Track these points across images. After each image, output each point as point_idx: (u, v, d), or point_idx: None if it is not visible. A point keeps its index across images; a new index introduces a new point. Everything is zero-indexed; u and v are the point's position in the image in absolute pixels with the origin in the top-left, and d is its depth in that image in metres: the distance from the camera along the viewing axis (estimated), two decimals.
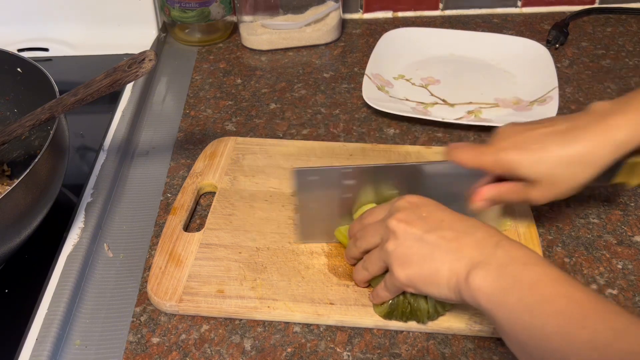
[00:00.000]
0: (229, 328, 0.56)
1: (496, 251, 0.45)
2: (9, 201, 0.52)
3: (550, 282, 0.43)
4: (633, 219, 0.65)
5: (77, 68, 0.92)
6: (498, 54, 0.90)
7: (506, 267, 0.44)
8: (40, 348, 0.53)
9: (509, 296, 0.43)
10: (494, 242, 0.46)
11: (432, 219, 0.50)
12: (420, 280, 0.48)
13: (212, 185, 0.69)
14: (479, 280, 0.44)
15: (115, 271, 0.61)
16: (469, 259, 0.46)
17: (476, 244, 0.47)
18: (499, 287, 0.44)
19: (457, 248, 0.47)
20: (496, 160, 0.54)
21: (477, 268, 0.45)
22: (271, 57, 0.94)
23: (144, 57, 0.56)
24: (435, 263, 0.47)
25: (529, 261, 0.44)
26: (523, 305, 0.42)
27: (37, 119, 0.59)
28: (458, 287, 0.46)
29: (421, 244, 0.48)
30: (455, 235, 0.48)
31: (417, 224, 0.49)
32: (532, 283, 0.43)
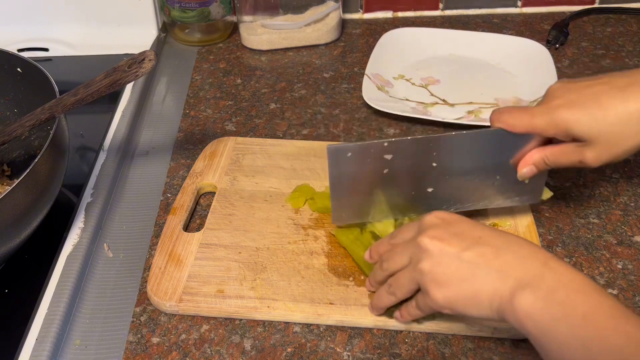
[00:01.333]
0: (228, 328, 0.56)
1: (544, 272, 0.42)
2: (9, 201, 0.52)
3: (606, 314, 0.40)
4: (633, 219, 0.65)
5: (77, 68, 0.92)
6: (498, 54, 0.90)
7: (556, 293, 0.41)
8: (40, 348, 0.53)
9: (560, 326, 0.40)
10: (542, 261, 0.43)
11: (468, 235, 0.46)
12: (459, 302, 0.45)
13: (211, 185, 0.69)
14: (527, 305, 0.41)
15: (115, 271, 0.61)
16: (514, 279, 0.43)
17: (521, 262, 0.43)
18: (548, 314, 0.41)
19: (500, 267, 0.44)
20: (550, 119, 0.50)
21: (524, 291, 0.42)
22: (271, 57, 0.94)
23: (143, 57, 0.56)
24: (476, 283, 0.44)
25: (581, 288, 0.41)
26: (576, 338, 0.40)
27: (37, 119, 0.59)
28: (501, 309, 0.43)
29: (459, 263, 0.45)
30: (496, 252, 0.44)
31: (452, 241, 0.46)
32: (586, 314, 0.40)
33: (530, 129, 0.52)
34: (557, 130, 0.51)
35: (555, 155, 0.53)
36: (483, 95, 0.83)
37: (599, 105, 0.49)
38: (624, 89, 0.49)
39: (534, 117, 0.51)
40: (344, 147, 0.54)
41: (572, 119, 0.50)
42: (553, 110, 0.50)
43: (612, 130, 0.49)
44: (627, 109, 0.49)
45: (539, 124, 0.51)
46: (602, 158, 0.51)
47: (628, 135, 0.49)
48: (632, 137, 0.49)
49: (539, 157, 0.53)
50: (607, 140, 0.50)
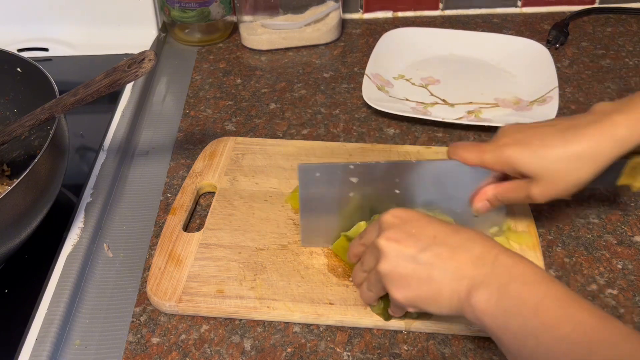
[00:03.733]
0: (228, 328, 0.56)
1: (495, 268, 0.44)
2: (9, 201, 0.52)
3: (554, 303, 0.41)
4: (633, 219, 0.65)
5: (77, 68, 0.92)
6: (498, 54, 0.90)
7: (508, 287, 0.43)
8: (40, 348, 0.53)
9: (513, 319, 0.42)
10: (493, 257, 0.45)
11: (424, 235, 0.48)
12: (420, 302, 0.47)
13: (211, 185, 0.69)
14: (482, 303, 0.43)
15: (115, 271, 0.61)
16: (469, 278, 0.45)
17: (474, 260, 0.45)
18: (501, 309, 0.43)
19: (456, 267, 0.45)
20: (497, 156, 0.54)
21: (478, 288, 0.44)
22: (271, 57, 0.94)
23: (143, 57, 0.56)
24: (434, 284, 0.46)
25: (530, 279, 0.43)
26: (528, 330, 0.41)
27: (36, 119, 0.59)
28: (460, 307, 0.45)
29: (416, 265, 0.47)
30: (451, 253, 0.46)
31: (408, 242, 0.47)
32: (536, 305, 0.42)
33: (480, 164, 0.55)
34: (504, 166, 0.54)
35: (506, 191, 0.56)
36: (483, 95, 0.83)
37: (542, 144, 0.52)
38: (566, 130, 0.52)
39: (484, 153, 0.54)
40: (313, 167, 0.56)
41: (517, 156, 0.53)
42: (500, 147, 0.54)
43: (554, 168, 0.52)
44: (567, 149, 0.52)
45: (488, 160, 0.54)
46: (547, 194, 0.53)
47: (569, 173, 0.52)
48: (573, 175, 0.52)
49: (492, 193, 0.56)
50: (550, 176, 0.52)
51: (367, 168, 0.56)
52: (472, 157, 0.55)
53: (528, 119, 0.76)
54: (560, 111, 0.78)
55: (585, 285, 0.58)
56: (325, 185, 0.56)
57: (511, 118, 0.78)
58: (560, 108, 0.78)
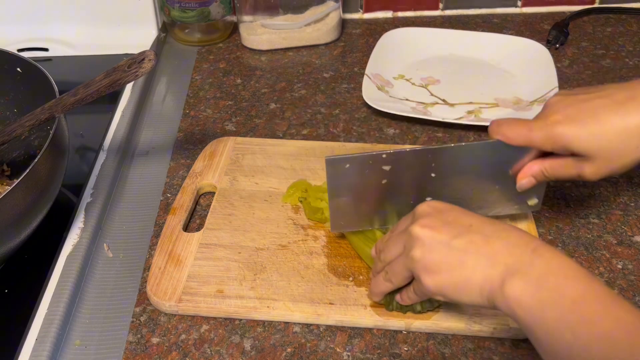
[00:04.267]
0: (228, 328, 0.56)
1: (534, 259, 0.42)
2: (8, 201, 0.52)
3: (595, 300, 0.40)
4: (633, 219, 0.65)
5: (77, 68, 0.92)
6: (498, 54, 0.90)
7: (546, 279, 0.41)
8: (40, 348, 0.53)
9: (550, 312, 0.40)
10: (531, 248, 0.43)
11: (459, 223, 0.47)
12: (450, 289, 0.46)
13: (211, 185, 0.69)
14: (517, 291, 0.42)
15: (115, 271, 0.61)
16: (504, 265, 0.43)
17: (511, 249, 0.44)
18: (538, 300, 0.41)
19: (490, 254, 0.44)
20: (548, 135, 0.50)
21: (514, 277, 0.42)
22: (271, 57, 0.94)
23: (143, 57, 0.56)
24: (467, 270, 0.45)
25: (570, 273, 0.41)
26: (565, 324, 0.40)
27: (36, 119, 0.59)
28: (492, 296, 0.43)
29: (449, 250, 0.45)
30: (485, 240, 0.45)
31: (443, 229, 0.46)
32: (575, 299, 0.40)
33: (528, 143, 0.52)
34: (554, 145, 0.51)
35: (554, 168, 0.53)
36: (483, 95, 0.83)
37: (597, 121, 0.49)
38: (624, 103, 0.49)
39: (532, 131, 0.51)
40: (342, 159, 0.54)
41: (570, 135, 0.50)
42: (551, 125, 0.50)
43: (610, 146, 0.49)
44: (626, 124, 0.48)
45: (537, 139, 0.51)
46: (600, 172, 0.51)
47: (627, 151, 0.49)
48: (631, 152, 0.49)
49: (538, 169, 0.53)
50: (606, 155, 0.49)
51: (400, 155, 0.54)
52: (517, 135, 0.51)
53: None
54: None
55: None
56: (355, 176, 0.55)
57: None
58: None
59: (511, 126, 0.52)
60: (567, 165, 0.52)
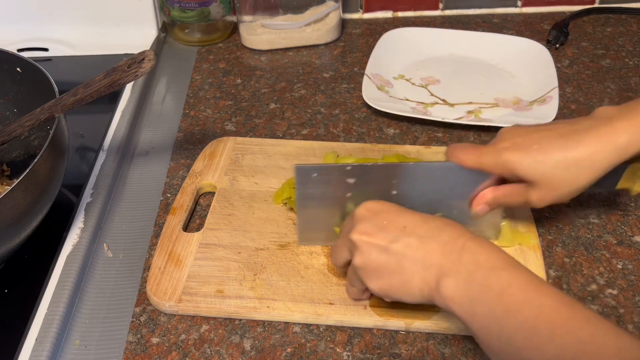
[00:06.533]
0: (228, 328, 0.56)
1: (462, 256, 0.45)
2: (8, 201, 0.52)
3: (519, 288, 0.42)
4: (633, 219, 0.65)
5: (76, 68, 0.92)
6: (498, 54, 0.90)
7: (474, 274, 0.44)
8: (39, 348, 0.53)
9: (479, 306, 0.43)
10: (460, 245, 0.46)
11: (394, 226, 0.49)
12: (393, 291, 0.49)
13: (211, 185, 0.69)
14: (450, 290, 0.44)
15: (115, 271, 0.61)
16: (437, 267, 0.46)
17: (442, 249, 0.46)
18: (468, 296, 0.44)
19: (424, 256, 0.46)
20: (496, 160, 0.53)
21: (446, 276, 0.45)
22: (271, 57, 0.94)
23: (143, 57, 0.56)
24: (405, 274, 0.47)
25: (496, 265, 0.44)
26: (493, 316, 0.42)
27: (36, 119, 0.59)
28: (430, 295, 0.46)
29: (387, 256, 0.48)
30: (419, 242, 0.47)
31: (379, 235, 0.49)
32: (500, 291, 0.42)
33: (479, 167, 0.54)
34: (502, 170, 0.53)
35: (505, 195, 0.55)
36: (483, 95, 0.83)
37: (540, 150, 0.52)
38: (565, 136, 0.52)
39: (482, 156, 0.54)
40: (310, 168, 0.56)
41: (516, 160, 0.52)
42: (499, 151, 0.53)
43: (552, 174, 0.52)
44: (565, 156, 0.51)
45: (487, 163, 0.54)
46: (546, 199, 0.53)
47: (567, 179, 0.52)
48: (572, 181, 0.52)
49: (491, 196, 0.56)
50: (549, 183, 0.52)
51: (364, 169, 0.56)
52: (470, 160, 0.54)
53: (528, 119, 0.76)
54: (560, 111, 0.78)
55: (585, 285, 0.58)
56: (322, 185, 0.56)
57: (511, 118, 0.78)
58: (560, 108, 0.78)
59: (464, 150, 0.55)
60: (516, 193, 0.54)
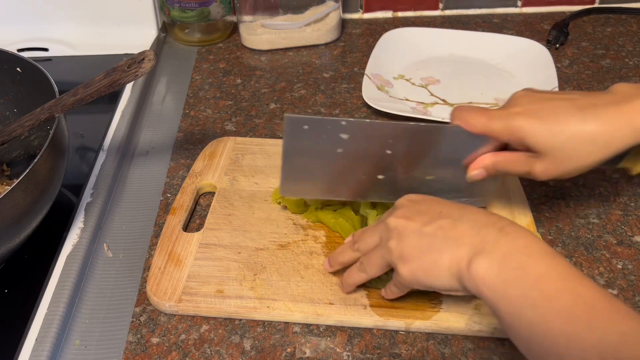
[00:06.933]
0: (228, 328, 0.56)
1: (500, 238, 0.44)
2: (8, 201, 0.52)
3: (557, 277, 0.41)
4: (633, 219, 0.65)
5: (76, 68, 0.92)
6: (498, 54, 0.90)
7: (511, 257, 0.42)
8: (39, 348, 0.53)
9: (513, 289, 0.41)
10: (498, 227, 0.44)
11: (431, 211, 0.48)
12: (421, 274, 0.47)
13: (211, 185, 0.69)
14: (482, 270, 0.43)
15: (115, 271, 0.61)
16: (470, 245, 0.44)
17: (477, 229, 0.45)
18: (502, 278, 0.42)
19: (457, 235, 0.45)
20: (507, 125, 0.50)
21: (479, 255, 0.43)
22: (271, 57, 0.94)
23: (143, 57, 0.56)
24: (435, 254, 0.46)
25: (535, 252, 0.42)
26: (527, 300, 0.40)
27: (36, 118, 0.59)
28: (460, 275, 0.44)
29: (420, 237, 0.47)
30: (453, 223, 0.46)
31: (415, 218, 0.48)
32: (538, 277, 0.41)
33: (487, 131, 0.52)
34: (512, 136, 0.51)
35: (506, 162, 0.53)
36: (483, 95, 0.83)
37: (556, 120, 0.49)
38: (583, 109, 0.49)
39: (492, 119, 0.51)
40: (301, 119, 0.53)
41: (528, 128, 0.50)
42: (511, 116, 0.51)
43: (564, 147, 0.49)
44: (582, 129, 0.49)
45: (496, 128, 0.51)
46: (550, 172, 0.51)
47: (578, 155, 0.50)
48: (582, 157, 0.50)
49: (491, 161, 0.54)
50: (558, 155, 0.50)
51: (359, 125, 0.53)
52: (478, 123, 0.51)
53: None
54: None
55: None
56: (312, 139, 0.54)
57: None
58: None
59: (472, 113, 0.52)
60: (519, 161, 0.52)
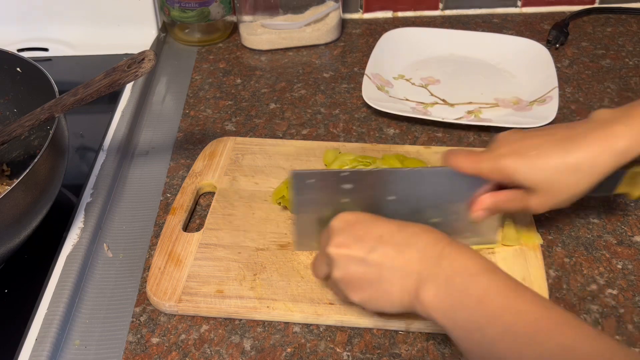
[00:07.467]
0: (228, 328, 0.56)
1: (441, 262, 0.45)
2: (8, 201, 0.52)
3: (498, 294, 0.42)
4: (633, 219, 0.65)
5: (76, 68, 0.92)
6: (498, 54, 0.90)
7: (453, 280, 0.44)
8: (39, 348, 0.53)
9: (459, 313, 0.43)
10: (438, 251, 0.46)
11: (370, 236, 0.48)
12: (374, 302, 0.48)
13: (211, 185, 0.69)
14: (430, 297, 0.44)
15: (115, 271, 0.61)
16: (416, 274, 0.45)
17: (420, 256, 0.46)
18: (448, 303, 0.43)
19: (403, 264, 0.46)
20: (494, 166, 0.53)
21: (426, 284, 0.44)
22: (271, 57, 0.94)
23: (143, 57, 0.56)
24: (385, 284, 0.47)
25: (475, 271, 0.44)
26: (473, 323, 0.42)
27: (36, 118, 0.59)
28: (411, 305, 0.46)
29: (366, 267, 0.47)
30: (397, 251, 0.47)
31: (355, 246, 0.48)
32: (480, 297, 0.42)
33: (477, 173, 0.54)
34: (501, 176, 0.53)
35: (504, 201, 0.55)
36: (483, 95, 0.83)
37: (539, 155, 0.51)
38: (564, 140, 0.51)
39: (481, 162, 0.53)
40: (305, 173, 0.55)
41: (514, 167, 0.52)
42: (497, 157, 0.53)
43: (551, 180, 0.51)
44: (565, 160, 0.51)
45: (485, 169, 0.53)
46: (546, 205, 0.53)
47: (567, 185, 0.51)
48: (571, 186, 0.52)
49: (490, 201, 0.55)
50: (548, 188, 0.52)
51: (360, 175, 0.55)
52: (468, 166, 0.54)
53: (528, 119, 0.76)
54: (560, 111, 0.78)
55: (585, 285, 0.58)
56: (318, 191, 0.56)
57: (511, 118, 0.78)
58: (560, 108, 0.78)
59: (461, 156, 0.54)
60: (515, 198, 0.54)
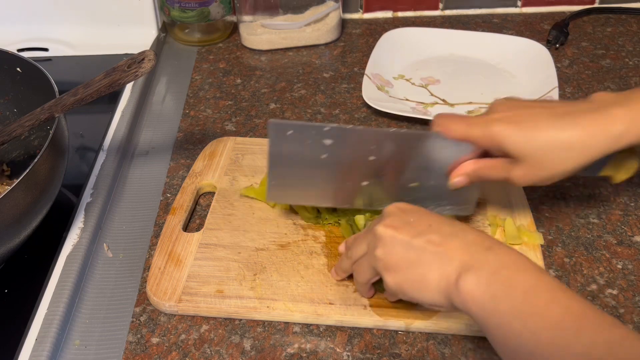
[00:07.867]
0: (228, 328, 0.56)
1: (488, 255, 0.44)
2: (8, 201, 0.52)
3: (545, 290, 0.42)
4: (633, 219, 0.65)
5: (76, 68, 0.92)
6: (498, 54, 0.90)
7: (498, 273, 0.43)
8: (39, 348, 0.53)
9: (501, 303, 0.42)
10: (486, 245, 0.45)
11: (420, 223, 0.48)
12: (408, 286, 0.47)
13: (211, 185, 0.69)
14: (470, 286, 0.43)
15: (115, 271, 0.61)
16: (459, 262, 0.45)
17: (466, 247, 0.45)
18: (490, 293, 0.43)
19: (446, 251, 0.46)
20: (485, 131, 0.51)
21: (468, 272, 0.44)
22: (271, 57, 0.94)
23: (143, 57, 0.56)
24: (424, 267, 0.46)
25: (522, 267, 0.43)
26: (516, 313, 0.41)
27: (36, 118, 0.59)
28: (448, 292, 0.45)
29: (408, 249, 0.47)
30: (442, 239, 0.46)
31: (404, 229, 0.48)
32: (526, 290, 0.42)
33: (466, 137, 0.53)
34: (490, 142, 0.52)
35: (486, 168, 0.54)
36: (483, 95, 0.83)
37: (533, 126, 0.50)
38: (561, 116, 0.50)
39: (471, 126, 0.52)
40: (285, 124, 0.54)
41: (505, 134, 0.51)
42: (490, 122, 0.52)
43: (540, 153, 0.50)
44: (558, 136, 0.50)
45: (475, 134, 0.52)
46: (527, 178, 0.52)
47: (555, 161, 0.51)
48: (559, 163, 0.51)
49: (472, 168, 0.55)
50: (534, 161, 0.51)
51: (342, 131, 0.54)
52: (458, 129, 0.53)
53: None
54: None
55: (585, 285, 0.58)
56: (297, 144, 0.54)
57: None
58: None
59: (452, 120, 0.53)
60: (498, 167, 0.53)
